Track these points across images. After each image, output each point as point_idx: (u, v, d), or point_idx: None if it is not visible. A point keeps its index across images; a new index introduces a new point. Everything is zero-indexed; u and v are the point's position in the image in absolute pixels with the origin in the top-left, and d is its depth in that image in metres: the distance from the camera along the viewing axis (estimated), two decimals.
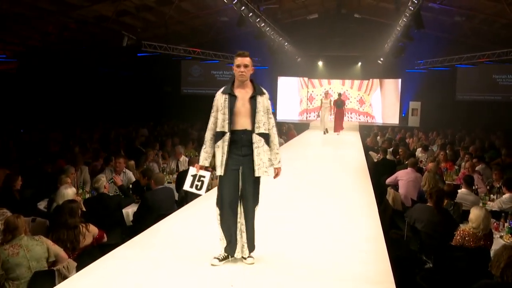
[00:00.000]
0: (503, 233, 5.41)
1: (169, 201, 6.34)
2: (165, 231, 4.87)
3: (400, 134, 17.51)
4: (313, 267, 3.91)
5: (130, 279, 3.63)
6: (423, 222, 5.40)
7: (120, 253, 4.18)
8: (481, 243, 4.61)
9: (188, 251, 4.23)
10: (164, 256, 4.10)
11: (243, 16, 13.49)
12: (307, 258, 4.12)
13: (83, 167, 8.19)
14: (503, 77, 22.63)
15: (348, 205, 6.17)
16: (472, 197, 6.70)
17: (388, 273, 3.76)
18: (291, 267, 3.89)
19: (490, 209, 6.27)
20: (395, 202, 7.63)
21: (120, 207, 6.10)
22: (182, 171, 8.37)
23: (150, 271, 3.78)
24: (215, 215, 3.96)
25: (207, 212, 5.66)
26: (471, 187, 6.93)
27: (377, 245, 4.44)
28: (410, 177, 7.89)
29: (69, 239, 4.64)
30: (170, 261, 4.00)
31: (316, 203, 6.12)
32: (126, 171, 7.78)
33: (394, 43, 17.94)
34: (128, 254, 4.17)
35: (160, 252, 4.22)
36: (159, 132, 16.57)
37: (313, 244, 4.49)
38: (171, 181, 8.24)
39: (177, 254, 4.16)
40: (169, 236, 4.69)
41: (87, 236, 4.78)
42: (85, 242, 4.74)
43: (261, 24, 14.90)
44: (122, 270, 3.81)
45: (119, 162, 7.70)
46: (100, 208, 5.81)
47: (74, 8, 14.04)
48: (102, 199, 5.99)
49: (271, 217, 5.16)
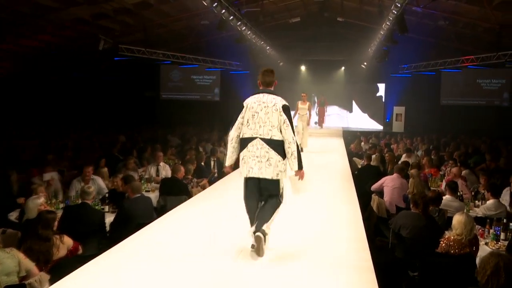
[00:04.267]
0: (488, 239, 5.45)
1: (147, 210, 6.29)
2: (144, 241, 4.81)
3: (384, 139, 17.67)
4: (295, 279, 3.89)
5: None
6: (408, 228, 5.45)
7: (95, 265, 4.11)
8: (466, 250, 4.65)
9: (168, 261, 4.19)
10: (142, 267, 4.05)
11: (224, 19, 13.50)
12: (287, 270, 4.07)
13: (54, 175, 8.07)
14: (487, 81, 22.98)
15: (331, 213, 6.18)
16: (456, 203, 6.76)
17: (373, 282, 3.76)
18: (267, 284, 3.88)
19: (475, 215, 6.35)
20: (380, 209, 7.69)
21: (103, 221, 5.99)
22: (166, 178, 8.35)
23: (127, 284, 3.73)
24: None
25: (189, 220, 5.66)
26: (456, 193, 6.99)
27: (361, 253, 4.45)
28: (395, 183, 7.94)
29: (42, 251, 4.55)
30: (148, 272, 3.95)
31: (297, 211, 6.10)
32: (94, 178, 7.72)
33: (378, 47, 18.15)
34: (104, 266, 4.11)
35: (138, 263, 4.16)
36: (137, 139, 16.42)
37: (294, 255, 4.46)
38: (149, 189, 8.17)
39: (156, 265, 4.11)
40: (148, 246, 4.64)
41: (61, 248, 4.70)
42: (59, 254, 4.66)
43: (242, 27, 14.92)
44: (96, 283, 3.75)
45: (88, 170, 7.65)
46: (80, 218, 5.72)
47: (49, 10, 13.89)
48: (85, 208, 5.90)
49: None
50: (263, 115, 4.27)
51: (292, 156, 4.23)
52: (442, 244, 4.76)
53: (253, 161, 4.27)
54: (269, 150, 4.24)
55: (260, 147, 4.25)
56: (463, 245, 4.65)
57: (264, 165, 4.24)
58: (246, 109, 4.35)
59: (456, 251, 4.64)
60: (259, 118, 4.28)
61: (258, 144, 4.26)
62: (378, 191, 8.21)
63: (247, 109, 4.34)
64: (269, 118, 4.25)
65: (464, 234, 4.65)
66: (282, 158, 4.27)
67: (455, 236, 4.70)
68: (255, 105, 4.33)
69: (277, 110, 4.26)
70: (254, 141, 4.27)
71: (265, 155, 4.24)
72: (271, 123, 4.24)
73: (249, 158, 4.29)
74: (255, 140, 4.27)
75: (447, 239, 4.75)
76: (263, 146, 4.24)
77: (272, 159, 4.23)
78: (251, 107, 4.33)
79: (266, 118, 4.26)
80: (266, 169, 4.24)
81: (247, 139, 4.31)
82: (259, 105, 4.31)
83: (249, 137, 4.30)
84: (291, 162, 4.25)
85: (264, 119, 4.26)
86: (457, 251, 4.64)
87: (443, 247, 4.72)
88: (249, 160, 4.29)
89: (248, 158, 4.30)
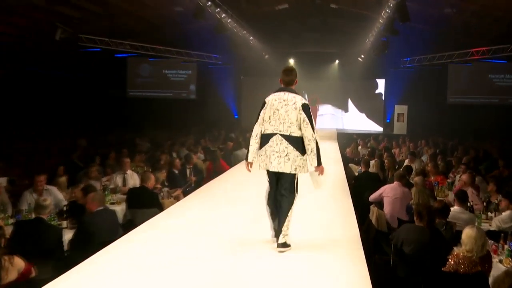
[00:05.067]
0: (502, 256, 5.45)
1: (112, 225, 6.24)
2: (107, 261, 4.76)
3: (384, 142, 17.77)
4: None
5: None
6: (412, 244, 5.48)
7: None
8: (478, 268, 4.66)
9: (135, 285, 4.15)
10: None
11: (201, 6, 13.50)
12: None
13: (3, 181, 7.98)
14: (500, 77, 23.00)
15: (324, 227, 6.17)
16: (466, 215, 6.81)
17: None
18: None
19: (487, 228, 6.40)
20: (380, 222, 7.72)
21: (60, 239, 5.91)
22: (134, 188, 8.31)
23: None
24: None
25: (160, 237, 5.61)
26: (465, 203, 7.04)
27: (358, 272, 4.46)
28: (397, 193, 7.98)
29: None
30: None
31: None
32: (48, 188, 7.65)
33: (376, 38, 18.27)
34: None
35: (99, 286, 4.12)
36: (101, 144, 16.32)
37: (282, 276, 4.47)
38: (114, 201, 8.11)
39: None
40: (111, 267, 4.59)
41: (11, 271, 4.61)
42: (8, 278, 4.57)
43: (222, 15, 14.93)
44: None
45: (39, 180, 7.59)
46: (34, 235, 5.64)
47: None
48: (39, 224, 5.81)
49: (229, 249, 5.12)
50: (283, 113, 5.07)
51: (312, 153, 5.03)
52: (450, 262, 4.78)
53: (273, 155, 5.06)
54: (288, 146, 5.04)
55: (280, 142, 5.06)
56: (473, 263, 4.67)
57: (283, 159, 5.03)
58: (267, 105, 5.17)
59: (465, 269, 4.66)
60: (279, 115, 5.09)
61: (278, 140, 5.07)
62: (377, 201, 8.25)
63: (269, 106, 5.16)
64: (288, 116, 5.05)
65: (475, 251, 4.67)
66: (301, 153, 5.07)
67: (464, 252, 4.72)
68: (276, 103, 5.13)
69: (297, 109, 5.05)
70: (274, 137, 5.09)
71: (284, 150, 5.04)
72: (290, 120, 5.04)
73: (270, 153, 5.08)
74: (275, 136, 5.08)
75: (456, 256, 4.77)
76: (282, 141, 5.05)
77: (290, 154, 5.03)
78: (272, 104, 5.14)
79: (285, 115, 5.06)
80: (285, 164, 5.03)
81: (268, 135, 5.13)
82: (280, 102, 5.12)
83: (270, 133, 5.12)
84: (311, 158, 5.06)
85: (284, 116, 5.07)
86: (467, 270, 4.65)
87: (451, 265, 4.75)
88: (270, 155, 5.08)
89: (269, 153, 5.09)
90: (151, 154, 13.37)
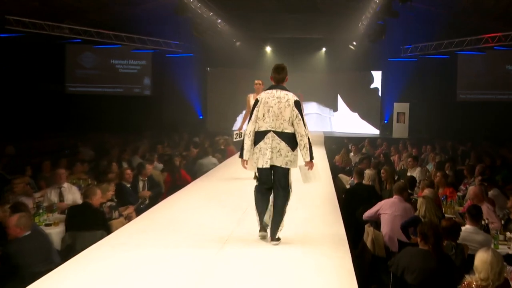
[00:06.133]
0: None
1: (45, 253, 6.15)
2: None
3: (381, 148, 17.85)
4: None
5: None
6: (415, 271, 5.50)
7: None
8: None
9: None
10: None
11: None
12: None
13: None
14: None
15: (309, 252, 6.14)
16: (480, 236, 6.85)
17: None
18: None
19: (505, 252, 6.46)
20: (376, 245, 7.73)
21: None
22: (75, 206, 8.23)
23: None
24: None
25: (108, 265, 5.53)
26: (479, 221, 7.09)
27: None
28: (396, 209, 7.98)
29: None
30: None
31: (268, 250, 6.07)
32: None
33: (372, 21, 18.37)
34: None
35: None
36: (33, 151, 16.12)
37: None
38: (50, 222, 7.99)
39: None
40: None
41: None
42: None
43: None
44: None
45: None
46: None
47: None
48: None
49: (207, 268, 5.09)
50: (276, 110, 6.10)
51: (304, 148, 6.13)
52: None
53: (266, 151, 6.08)
54: (280, 142, 6.10)
55: (272, 139, 6.10)
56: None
57: (275, 155, 6.10)
58: (260, 103, 6.19)
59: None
60: (272, 112, 6.10)
61: (271, 137, 6.11)
62: (373, 220, 8.27)
63: (262, 104, 6.18)
64: (281, 113, 6.09)
65: (491, 279, 4.70)
66: (292, 149, 6.13)
67: (478, 281, 4.75)
68: (269, 100, 6.16)
69: (290, 105, 6.08)
70: (268, 134, 6.12)
71: (277, 146, 6.10)
72: (283, 117, 6.09)
73: (266, 149, 6.10)
74: (269, 133, 6.11)
75: (468, 285, 4.80)
76: (274, 138, 6.10)
77: (282, 150, 6.10)
78: (266, 101, 6.17)
79: (279, 112, 6.09)
80: (277, 158, 6.11)
81: (263, 132, 6.15)
82: (273, 100, 6.15)
83: (264, 130, 6.14)
84: (304, 153, 6.16)
85: (277, 113, 6.09)
86: None
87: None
88: (267, 152, 6.09)
89: (265, 150, 6.10)
90: (96, 163, 13.26)
